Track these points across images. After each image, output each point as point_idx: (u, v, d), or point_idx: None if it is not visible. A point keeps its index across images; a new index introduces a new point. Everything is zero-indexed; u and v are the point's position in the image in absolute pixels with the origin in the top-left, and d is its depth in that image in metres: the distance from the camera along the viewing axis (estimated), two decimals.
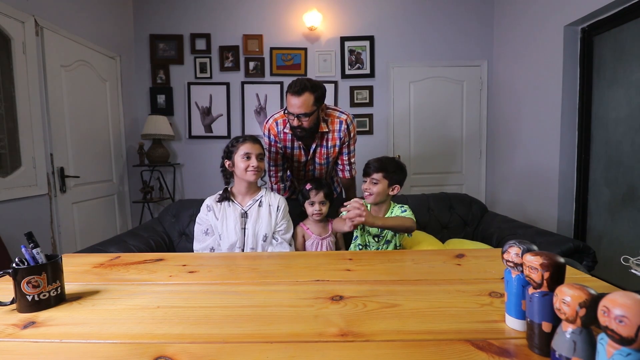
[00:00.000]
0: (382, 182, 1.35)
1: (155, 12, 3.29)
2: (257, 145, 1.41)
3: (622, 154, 2.16)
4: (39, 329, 0.63)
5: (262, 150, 1.42)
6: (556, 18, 2.49)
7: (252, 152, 1.38)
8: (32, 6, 2.16)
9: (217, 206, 1.42)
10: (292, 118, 1.49)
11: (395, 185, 1.37)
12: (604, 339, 0.39)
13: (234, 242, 1.37)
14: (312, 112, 1.46)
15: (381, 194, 1.36)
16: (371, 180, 1.36)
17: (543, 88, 2.66)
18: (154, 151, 3.09)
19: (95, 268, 0.99)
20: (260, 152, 1.40)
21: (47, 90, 2.27)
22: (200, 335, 0.60)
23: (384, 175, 1.35)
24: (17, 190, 2.04)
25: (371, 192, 1.36)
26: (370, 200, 1.38)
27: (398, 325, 0.62)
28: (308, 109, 1.45)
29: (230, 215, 1.40)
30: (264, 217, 1.41)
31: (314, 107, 1.47)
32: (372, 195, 1.36)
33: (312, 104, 1.45)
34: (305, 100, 1.43)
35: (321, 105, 1.52)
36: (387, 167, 1.36)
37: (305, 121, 1.48)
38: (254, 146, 1.40)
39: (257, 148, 1.40)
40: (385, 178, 1.35)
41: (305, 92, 1.43)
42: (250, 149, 1.38)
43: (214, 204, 1.43)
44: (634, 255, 0.89)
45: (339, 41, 3.31)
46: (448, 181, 3.46)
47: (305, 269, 0.95)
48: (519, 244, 0.59)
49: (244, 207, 1.42)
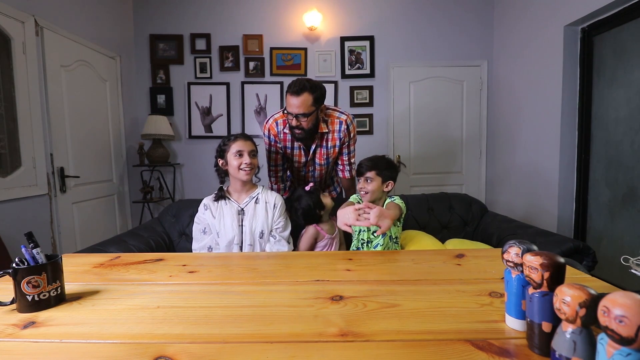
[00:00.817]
0: (376, 180, 1.38)
1: (155, 12, 3.29)
2: (249, 142, 1.41)
3: (622, 154, 2.16)
4: (39, 329, 0.63)
5: (254, 147, 1.42)
6: (556, 18, 2.49)
7: (244, 150, 1.38)
8: (32, 6, 2.16)
9: (214, 205, 1.42)
10: (291, 118, 1.49)
11: (388, 181, 1.41)
12: (604, 339, 0.39)
13: (232, 238, 1.38)
14: (310, 112, 1.47)
15: (376, 191, 1.40)
16: (365, 179, 1.39)
17: (543, 88, 2.66)
18: (154, 151, 3.09)
19: (95, 268, 0.99)
20: (252, 149, 1.40)
21: (47, 90, 2.27)
22: (200, 335, 0.60)
23: (377, 172, 1.39)
24: (17, 190, 2.04)
25: (367, 190, 1.39)
26: (367, 199, 1.40)
27: (398, 325, 0.62)
28: (307, 109, 1.45)
29: (227, 213, 1.40)
30: (261, 213, 1.42)
31: (313, 108, 1.47)
32: (368, 193, 1.39)
33: (311, 104, 1.46)
34: (304, 101, 1.43)
35: (320, 105, 1.52)
36: (378, 165, 1.39)
37: (304, 121, 1.48)
38: (246, 143, 1.39)
39: (249, 145, 1.40)
40: (378, 175, 1.39)
41: (304, 93, 1.43)
42: (242, 147, 1.38)
43: (210, 202, 1.43)
44: (634, 255, 0.89)
45: (339, 41, 3.31)
46: (448, 181, 3.46)
47: (305, 269, 0.95)
48: (519, 244, 0.59)
49: (241, 204, 1.42)
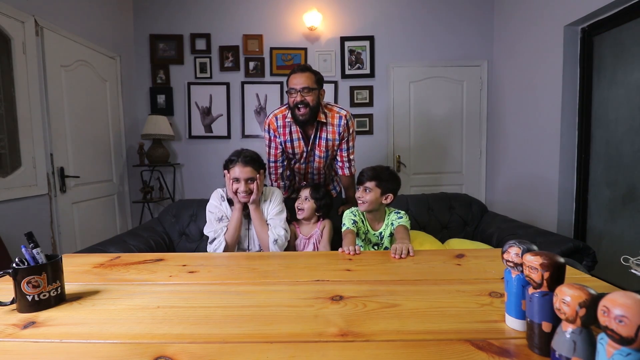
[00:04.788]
0: (374, 191, 1.34)
1: (155, 12, 3.29)
2: (248, 168, 1.37)
3: (622, 154, 2.16)
4: (39, 329, 0.63)
5: (253, 174, 1.38)
6: (556, 18, 2.49)
7: (241, 177, 1.36)
8: (32, 6, 2.16)
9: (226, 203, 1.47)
10: (295, 94, 1.55)
11: (388, 194, 1.36)
12: (604, 339, 0.39)
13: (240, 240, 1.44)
14: (314, 88, 1.56)
15: (373, 203, 1.35)
16: (364, 188, 1.35)
17: (543, 88, 2.66)
18: (154, 151, 3.09)
19: (95, 268, 0.99)
20: (250, 176, 1.37)
21: (47, 90, 2.27)
22: (200, 335, 0.60)
23: (377, 183, 1.34)
24: (17, 190, 2.04)
25: (364, 200, 1.34)
26: (363, 209, 1.36)
27: (398, 325, 0.62)
28: (311, 84, 1.55)
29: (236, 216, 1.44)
30: (264, 212, 1.46)
31: (316, 86, 1.57)
32: (365, 203, 1.35)
33: (314, 82, 1.56)
34: (308, 77, 1.55)
35: (321, 89, 1.61)
36: (380, 176, 1.35)
37: (309, 96, 1.55)
38: (244, 170, 1.36)
39: (247, 172, 1.36)
40: (378, 187, 1.34)
41: (307, 71, 1.57)
42: (238, 174, 1.36)
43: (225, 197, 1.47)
44: (634, 255, 0.89)
45: (339, 41, 3.31)
46: (448, 181, 3.45)
47: (305, 269, 0.96)
48: (519, 244, 0.59)
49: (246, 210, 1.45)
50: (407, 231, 1.31)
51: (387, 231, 1.39)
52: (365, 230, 1.41)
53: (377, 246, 1.42)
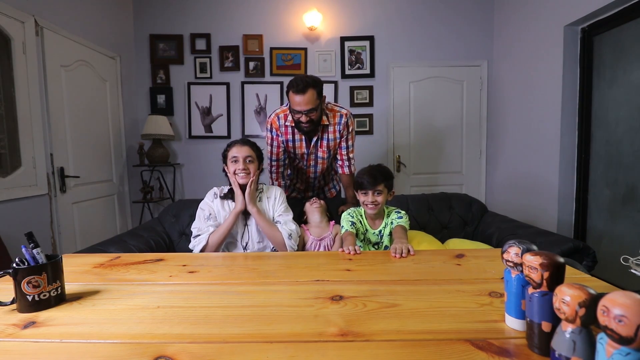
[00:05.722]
0: (384, 192, 1.38)
1: (155, 12, 3.29)
2: (246, 147, 1.39)
3: (622, 154, 2.16)
4: (39, 329, 0.64)
5: (251, 152, 1.39)
6: (556, 18, 2.49)
7: (239, 155, 1.37)
8: (32, 6, 2.16)
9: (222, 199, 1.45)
10: (299, 115, 1.53)
11: (392, 190, 1.42)
12: (604, 339, 0.39)
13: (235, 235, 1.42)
14: (317, 106, 1.54)
15: (384, 203, 1.40)
16: (375, 191, 1.35)
17: (543, 88, 2.66)
18: (154, 151, 3.09)
19: (95, 268, 0.99)
20: (247, 154, 1.38)
21: (47, 90, 2.27)
22: (200, 335, 0.60)
23: (385, 184, 1.38)
24: (17, 190, 2.04)
25: (377, 203, 1.35)
26: (375, 211, 1.38)
27: (398, 325, 0.62)
28: (314, 104, 1.52)
29: None
30: (264, 209, 1.45)
31: (318, 101, 1.54)
32: (378, 205, 1.36)
33: (316, 98, 1.53)
34: (310, 97, 1.49)
35: (322, 97, 1.59)
36: (386, 176, 1.38)
37: (313, 115, 1.54)
38: (242, 149, 1.38)
39: (245, 150, 1.38)
40: (386, 187, 1.38)
41: (309, 89, 1.49)
42: (236, 153, 1.38)
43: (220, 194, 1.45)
44: (634, 255, 0.89)
45: (339, 41, 3.31)
46: (448, 181, 3.45)
47: (305, 269, 0.96)
48: (518, 244, 0.59)
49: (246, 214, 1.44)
50: (405, 232, 1.34)
51: (387, 230, 1.40)
52: (364, 230, 1.41)
53: (377, 245, 1.42)
